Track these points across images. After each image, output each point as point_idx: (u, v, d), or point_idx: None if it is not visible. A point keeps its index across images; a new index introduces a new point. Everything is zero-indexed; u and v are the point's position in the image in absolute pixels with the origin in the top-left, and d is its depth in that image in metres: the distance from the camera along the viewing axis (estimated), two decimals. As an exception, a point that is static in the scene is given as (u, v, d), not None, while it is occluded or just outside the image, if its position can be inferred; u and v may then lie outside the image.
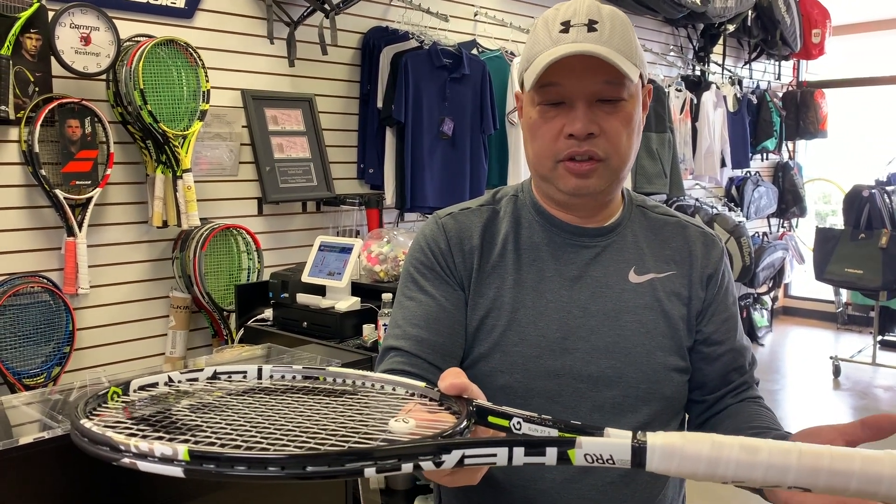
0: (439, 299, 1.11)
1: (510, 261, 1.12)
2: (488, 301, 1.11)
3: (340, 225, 3.39)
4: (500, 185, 3.74)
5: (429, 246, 1.14)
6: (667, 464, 0.60)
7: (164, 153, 2.62)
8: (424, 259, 1.13)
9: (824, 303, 6.86)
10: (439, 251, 1.13)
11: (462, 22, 3.89)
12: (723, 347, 1.14)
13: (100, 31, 2.49)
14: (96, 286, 2.63)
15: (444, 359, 1.07)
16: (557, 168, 1.06)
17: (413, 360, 1.06)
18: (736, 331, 1.17)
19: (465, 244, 1.13)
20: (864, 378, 5.37)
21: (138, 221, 2.74)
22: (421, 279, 1.13)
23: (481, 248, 1.13)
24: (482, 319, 1.11)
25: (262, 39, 3.04)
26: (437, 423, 0.66)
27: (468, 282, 1.12)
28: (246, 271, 2.93)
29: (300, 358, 1.91)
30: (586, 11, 1.02)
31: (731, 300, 1.18)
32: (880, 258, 5.22)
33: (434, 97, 3.43)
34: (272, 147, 3.10)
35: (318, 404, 0.75)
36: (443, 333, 1.09)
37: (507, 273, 1.12)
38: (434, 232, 1.15)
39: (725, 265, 1.18)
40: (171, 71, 2.61)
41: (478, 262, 1.12)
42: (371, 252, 2.56)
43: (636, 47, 1.04)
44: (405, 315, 1.11)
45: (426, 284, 1.12)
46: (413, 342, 1.07)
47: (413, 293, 1.12)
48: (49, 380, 2.46)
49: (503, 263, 1.12)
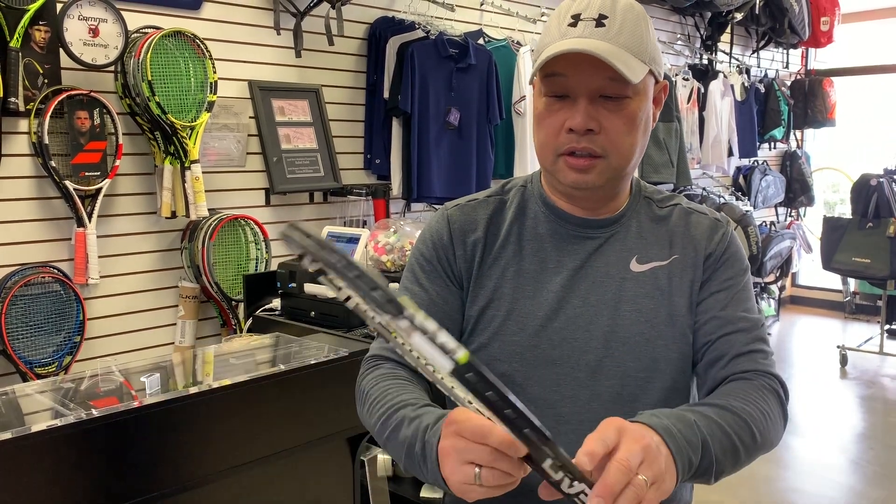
0: (432, 294, 1.13)
1: (512, 251, 1.14)
2: (489, 291, 1.13)
3: (347, 215, 3.40)
4: (506, 175, 3.77)
5: (432, 239, 1.16)
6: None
7: (172, 144, 2.63)
8: (426, 252, 1.16)
9: (832, 292, 6.85)
10: (441, 245, 1.15)
11: (468, 11, 3.89)
12: (706, 315, 1.10)
13: (108, 23, 2.51)
14: (106, 276, 2.65)
15: None
16: (558, 161, 1.06)
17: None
18: (728, 302, 1.10)
19: (468, 237, 1.15)
20: (871, 367, 5.36)
21: (147, 212, 2.76)
22: (420, 272, 1.16)
23: (485, 241, 1.14)
24: (483, 309, 1.12)
25: (269, 30, 3.05)
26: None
27: (468, 274, 1.14)
28: (254, 261, 2.95)
29: (308, 347, 1.93)
30: (599, 5, 1.01)
31: (730, 275, 1.12)
32: (888, 247, 5.20)
33: (440, 87, 3.44)
34: (279, 138, 3.11)
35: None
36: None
37: (509, 263, 1.13)
38: (439, 225, 1.17)
39: (730, 246, 1.14)
40: (178, 62, 2.62)
41: (480, 255, 1.14)
42: (378, 242, 2.57)
43: (648, 43, 1.02)
44: None
45: (423, 278, 1.15)
46: None
47: (409, 285, 1.16)
48: (60, 369, 2.48)
49: (505, 253, 1.14)
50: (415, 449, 0.92)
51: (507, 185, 1.21)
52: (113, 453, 1.41)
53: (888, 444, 4.00)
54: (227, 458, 1.60)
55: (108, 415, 1.40)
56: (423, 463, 0.90)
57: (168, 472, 1.50)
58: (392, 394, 1.02)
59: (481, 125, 3.60)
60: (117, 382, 1.65)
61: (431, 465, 0.88)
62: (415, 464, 0.93)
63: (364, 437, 1.93)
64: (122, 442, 1.42)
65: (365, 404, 1.08)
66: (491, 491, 0.79)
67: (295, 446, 1.74)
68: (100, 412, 1.40)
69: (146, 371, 1.66)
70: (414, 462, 0.93)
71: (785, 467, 3.70)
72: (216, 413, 1.57)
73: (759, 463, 3.66)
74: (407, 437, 0.94)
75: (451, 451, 0.81)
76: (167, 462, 1.50)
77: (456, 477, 0.80)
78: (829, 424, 4.31)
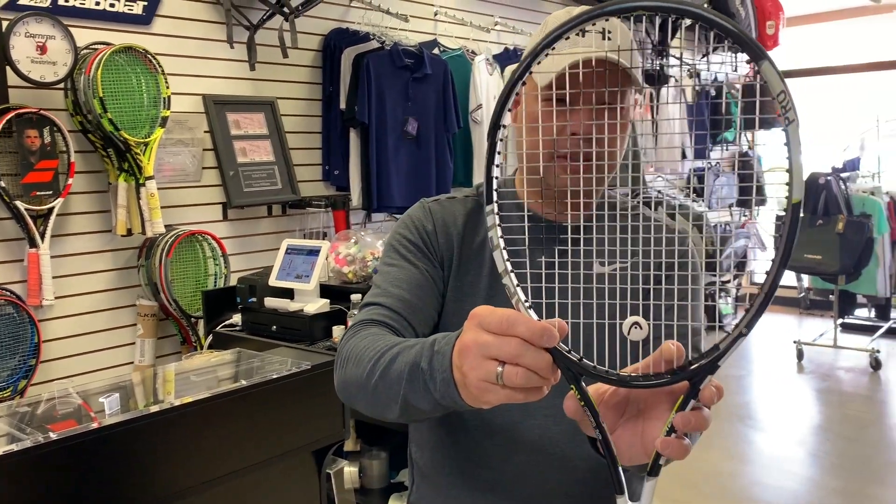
0: (421, 268, 1.15)
1: (489, 253, 1.17)
2: (466, 286, 1.16)
3: (307, 227, 3.39)
4: (466, 183, 3.79)
5: (414, 225, 1.19)
6: None
7: (125, 161, 2.60)
8: (409, 235, 1.18)
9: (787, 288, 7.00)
10: (424, 231, 1.18)
11: (422, 22, 3.91)
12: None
13: (56, 40, 2.47)
14: (61, 297, 2.60)
15: (420, 321, 1.11)
16: (552, 163, 1.09)
17: (392, 314, 1.09)
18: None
19: (449, 228, 1.18)
20: (826, 361, 5.49)
21: (102, 230, 2.72)
22: (404, 251, 1.17)
23: (463, 234, 1.18)
24: (457, 302, 1.15)
25: (222, 44, 3.03)
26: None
27: (449, 263, 1.17)
28: (213, 277, 2.91)
29: (270, 362, 1.92)
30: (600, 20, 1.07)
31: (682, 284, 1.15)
32: (838, 243, 5.35)
33: (397, 97, 3.45)
34: (235, 151, 3.09)
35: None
36: (422, 298, 1.12)
37: (484, 263, 1.17)
38: (420, 214, 1.20)
39: (686, 253, 1.19)
40: (130, 78, 2.59)
41: (459, 247, 1.17)
42: (339, 254, 2.56)
43: (636, 57, 1.09)
44: (386, 278, 1.14)
45: (409, 255, 1.16)
46: (394, 299, 1.10)
47: (395, 261, 1.17)
48: (16, 393, 2.43)
49: (483, 254, 1.17)
50: (420, 366, 0.83)
51: (481, 187, 1.25)
52: (73, 477, 1.39)
53: (844, 435, 4.10)
54: (191, 476, 1.58)
55: (66, 437, 1.37)
56: (431, 378, 0.81)
57: (131, 494, 1.47)
58: (385, 341, 0.97)
59: (439, 134, 3.62)
60: (75, 404, 1.62)
61: (442, 376, 0.79)
62: (417, 387, 0.84)
63: (330, 450, 1.92)
64: (81, 465, 1.39)
65: (349, 361, 1.01)
66: (513, 394, 0.70)
67: (260, 462, 1.72)
68: (58, 435, 1.37)
69: (105, 392, 1.63)
70: (417, 384, 0.84)
71: (747, 462, 3.77)
72: (179, 432, 1.55)
73: (723, 459, 3.74)
74: (408, 361, 0.87)
75: (472, 346, 0.71)
76: (130, 483, 1.47)
77: (475, 373, 0.71)
78: (788, 418, 4.41)
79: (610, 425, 0.75)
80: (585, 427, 0.76)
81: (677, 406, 0.72)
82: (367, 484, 2.51)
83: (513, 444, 1.13)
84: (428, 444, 1.21)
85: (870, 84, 6.94)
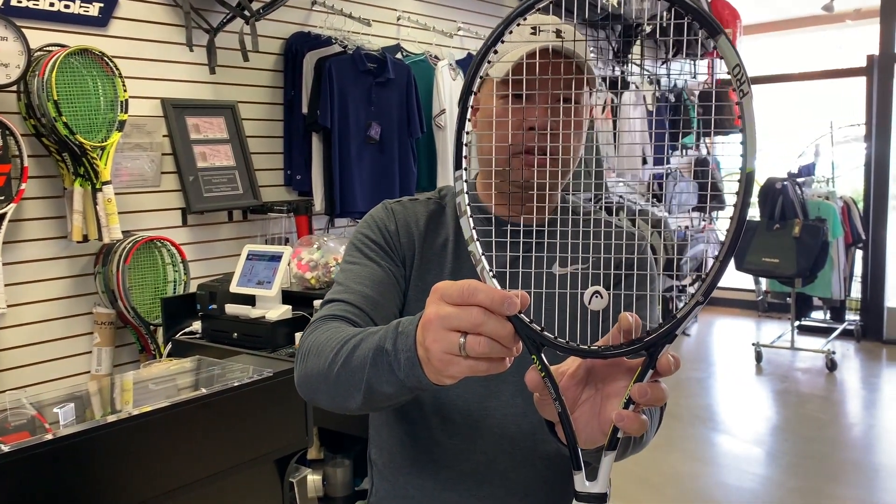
0: (384, 266, 1.15)
1: (450, 253, 1.18)
2: (428, 285, 1.15)
3: (269, 233, 3.35)
4: (429, 187, 3.79)
5: (377, 224, 1.20)
6: None
7: (81, 166, 2.54)
8: (371, 234, 1.19)
9: (745, 292, 7.12)
10: (387, 230, 1.19)
11: (385, 26, 3.90)
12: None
13: (7, 41, 2.40)
14: (14, 305, 2.53)
15: (382, 318, 1.10)
16: (513, 160, 1.10)
17: (355, 310, 1.08)
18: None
19: (411, 228, 1.19)
20: (784, 362, 5.60)
21: (57, 237, 2.65)
22: (366, 249, 1.17)
23: (425, 235, 1.20)
24: (419, 301, 1.15)
25: (181, 47, 2.98)
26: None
27: (411, 262, 1.18)
28: (172, 284, 2.87)
29: (231, 369, 1.89)
30: (552, 21, 1.09)
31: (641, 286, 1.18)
32: (794, 247, 5.46)
33: (360, 102, 3.43)
34: (195, 156, 3.04)
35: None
36: (384, 295, 1.13)
37: (445, 263, 1.18)
38: (383, 214, 1.21)
39: (643, 257, 1.21)
40: (86, 81, 2.54)
41: (420, 247, 1.18)
42: (301, 259, 2.54)
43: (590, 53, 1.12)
44: (348, 276, 1.14)
45: (371, 254, 1.17)
46: (357, 296, 1.10)
47: (358, 259, 1.17)
48: (-34, 405, 2.36)
49: (444, 254, 1.19)
50: (384, 349, 0.83)
51: (443, 191, 1.27)
52: (26, 490, 1.35)
53: (802, 434, 4.19)
54: (150, 487, 1.54)
55: (18, 449, 1.33)
56: (395, 359, 0.81)
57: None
58: (347, 331, 0.97)
59: (402, 139, 3.61)
60: (28, 415, 1.57)
61: (406, 355, 0.79)
62: (382, 370, 0.84)
63: (293, 458, 1.90)
64: (35, 478, 1.35)
65: (310, 354, 1.00)
66: (476, 365, 0.70)
67: (222, 471, 1.69)
68: (10, 447, 1.33)
69: (60, 402, 1.59)
70: (381, 367, 0.84)
71: (708, 463, 3.82)
72: (137, 441, 1.52)
73: (684, 461, 3.78)
74: (372, 346, 0.86)
75: (434, 318, 0.71)
76: (86, 496, 1.44)
77: (438, 346, 0.71)
78: (748, 419, 4.48)
79: (569, 405, 0.75)
80: (544, 407, 0.76)
81: (635, 377, 0.72)
82: (331, 492, 2.48)
83: (472, 443, 1.13)
84: (387, 445, 1.21)
85: (824, 91, 7.12)
